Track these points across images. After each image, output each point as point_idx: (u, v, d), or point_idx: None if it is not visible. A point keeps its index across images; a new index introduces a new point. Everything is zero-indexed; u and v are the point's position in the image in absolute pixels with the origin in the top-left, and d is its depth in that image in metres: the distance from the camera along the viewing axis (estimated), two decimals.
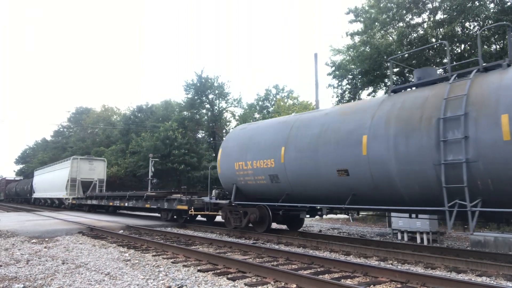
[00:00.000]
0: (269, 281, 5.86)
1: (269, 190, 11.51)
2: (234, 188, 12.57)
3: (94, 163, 30.15)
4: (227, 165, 12.84)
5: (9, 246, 9.58)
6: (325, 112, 10.66)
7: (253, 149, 11.95)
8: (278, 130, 11.52)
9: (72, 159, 29.30)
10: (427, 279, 5.58)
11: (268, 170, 11.23)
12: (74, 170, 28.55)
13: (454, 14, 17.76)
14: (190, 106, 39.31)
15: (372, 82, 21.18)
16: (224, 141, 13.96)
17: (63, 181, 29.08)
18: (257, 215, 11.63)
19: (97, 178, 29.71)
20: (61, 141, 65.70)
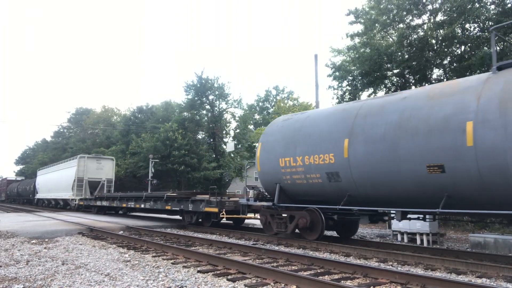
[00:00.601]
0: (269, 282, 5.86)
1: (324, 190, 9.97)
2: (277, 188, 11.05)
3: (102, 162, 28.59)
4: (269, 161, 11.40)
5: (9, 247, 9.57)
6: (402, 96, 8.89)
7: (304, 142, 10.40)
8: (338, 119, 9.89)
9: (79, 157, 27.79)
10: (427, 281, 5.58)
11: (326, 166, 9.63)
12: (81, 169, 27.09)
13: (454, 15, 17.77)
14: (190, 107, 39.33)
15: (372, 84, 21.19)
16: (264, 135, 12.33)
17: (69, 181, 27.71)
18: (308, 220, 10.12)
19: (105, 177, 28.17)
20: (61, 141, 65.75)
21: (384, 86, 22.07)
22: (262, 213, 11.83)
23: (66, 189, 28.02)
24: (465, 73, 18.48)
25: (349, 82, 22.57)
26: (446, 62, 19.55)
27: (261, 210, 11.93)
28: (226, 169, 38.28)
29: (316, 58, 21.14)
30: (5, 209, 32.43)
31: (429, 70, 20.05)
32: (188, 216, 15.12)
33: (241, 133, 42.37)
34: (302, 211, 10.43)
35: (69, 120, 67.48)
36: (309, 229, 10.29)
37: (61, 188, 29.49)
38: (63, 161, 33.01)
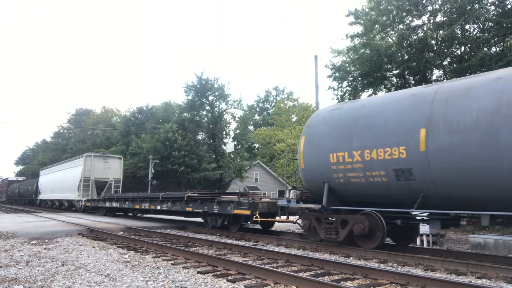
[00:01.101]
0: (269, 283, 5.86)
1: (389, 190, 8.65)
2: (326, 188, 9.71)
3: (109, 161, 27.03)
4: (316, 157, 10.07)
5: (8, 248, 9.57)
6: (494, 77, 7.57)
7: (363, 134, 9.07)
8: (407, 106, 8.53)
9: (85, 156, 26.25)
10: (427, 281, 5.58)
11: (394, 162, 8.31)
12: (87, 168, 25.61)
13: (454, 16, 17.79)
14: (190, 108, 39.33)
15: (372, 84, 21.20)
16: (308, 127, 10.90)
17: (74, 181, 26.30)
18: (366, 226, 8.73)
19: (113, 177, 26.67)
20: (61, 142, 65.79)
21: (384, 87, 22.09)
22: (305, 217, 10.36)
23: (72, 190, 26.69)
24: (465, 74, 18.51)
25: (349, 83, 22.58)
26: (446, 63, 19.56)
27: (303, 213, 10.57)
28: (226, 170, 38.28)
29: (316, 59, 21.14)
30: (5, 209, 32.38)
31: (429, 71, 20.07)
32: (212, 219, 13.88)
33: (241, 134, 42.39)
34: (358, 215, 9.02)
35: (69, 121, 67.62)
36: (367, 236, 8.88)
37: (66, 189, 28.16)
38: (68, 160, 31.63)
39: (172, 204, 15.35)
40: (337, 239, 9.41)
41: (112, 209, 21.09)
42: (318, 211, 10.01)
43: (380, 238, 8.67)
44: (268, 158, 56.04)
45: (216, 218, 13.66)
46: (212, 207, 13.33)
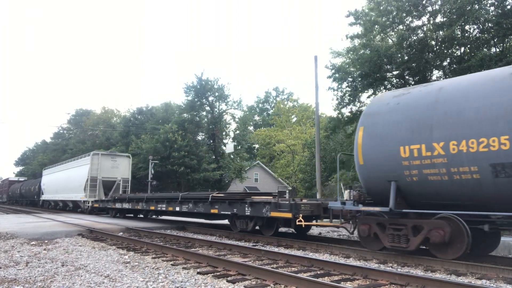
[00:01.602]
0: (268, 283, 5.86)
1: (481, 190, 7.24)
2: (393, 188, 8.25)
3: (117, 159, 25.71)
4: (380, 151, 8.61)
5: (8, 248, 9.57)
6: None
7: (447, 122, 7.61)
8: (508, 87, 7.12)
9: (92, 154, 24.89)
10: (427, 282, 5.59)
11: (492, 156, 6.92)
12: (94, 167, 24.28)
13: (454, 17, 17.81)
14: (190, 108, 39.37)
15: (372, 85, 21.22)
16: (368, 116, 9.31)
17: (80, 181, 24.96)
18: (446, 232, 7.43)
19: (121, 177, 25.28)
20: (61, 143, 65.82)
21: (384, 87, 22.10)
22: (364, 222, 8.94)
23: (77, 190, 25.29)
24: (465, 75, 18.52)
25: (349, 83, 22.59)
26: (446, 63, 19.58)
27: (361, 218, 9.13)
28: (226, 171, 38.30)
29: (316, 59, 21.17)
30: (4, 210, 32.35)
31: (429, 71, 20.08)
32: (243, 223, 12.41)
33: (240, 135, 42.44)
34: (435, 220, 7.67)
35: (69, 121, 67.69)
36: (446, 245, 7.58)
37: (71, 189, 26.80)
38: (73, 159, 30.08)
39: (194, 205, 14.03)
40: (407, 248, 8.04)
41: (123, 210, 20.01)
42: (379, 215, 8.65)
43: (463, 247, 7.35)
44: (268, 159, 56.07)
45: (247, 221, 12.24)
46: (242, 209, 11.95)
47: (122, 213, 20.50)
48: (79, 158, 28.38)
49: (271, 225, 11.80)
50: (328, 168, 34.53)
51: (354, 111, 22.92)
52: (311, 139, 39.64)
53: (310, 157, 38.65)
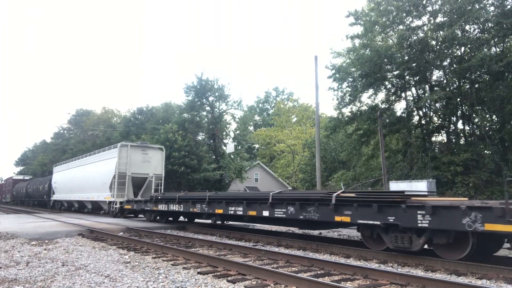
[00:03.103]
0: (269, 283, 5.86)
1: None
2: None
3: (148, 152, 21.78)
4: None
5: (9, 248, 9.57)
6: None
7: None
8: None
9: (120, 146, 20.95)
10: (427, 282, 5.58)
11: None
12: (123, 161, 20.48)
13: (454, 17, 17.82)
14: (190, 108, 39.37)
15: (372, 85, 21.23)
16: None
17: (105, 177, 21.26)
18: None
19: (153, 173, 21.52)
20: (61, 143, 65.85)
21: (384, 87, 22.12)
22: None
23: (100, 189, 21.68)
24: (465, 75, 18.54)
25: (349, 83, 22.61)
26: (446, 63, 19.59)
27: None
28: (226, 171, 38.30)
29: (316, 59, 21.18)
30: (5, 210, 32.23)
31: (429, 71, 20.10)
32: (402, 238, 8.03)
33: (241, 135, 42.42)
34: None
35: (69, 122, 67.74)
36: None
37: (91, 188, 23.08)
38: (94, 153, 25.86)
39: (301, 209, 9.72)
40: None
41: (168, 213, 16.45)
42: None
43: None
44: (268, 159, 56.10)
45: (412, 236, 7.88)
46: (409, 218, 7.62)
47: (165, 216, 16.80)
48: (101, 151, 24.16)
49: (465, 244, 7.34)
50: (328, 168, 34.56)
51: (354, 111, 22.94)
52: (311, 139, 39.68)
53: (310, 157, 38.70)
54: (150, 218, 17.47)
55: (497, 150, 18.32)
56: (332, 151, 34.52)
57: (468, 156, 17.41)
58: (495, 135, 18.86)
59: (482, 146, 18.57)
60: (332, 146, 34.63)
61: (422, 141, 20.79)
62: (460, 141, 20.36)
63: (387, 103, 22.37)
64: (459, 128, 20.55)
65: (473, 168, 17.77)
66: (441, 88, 19.23)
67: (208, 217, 14.19)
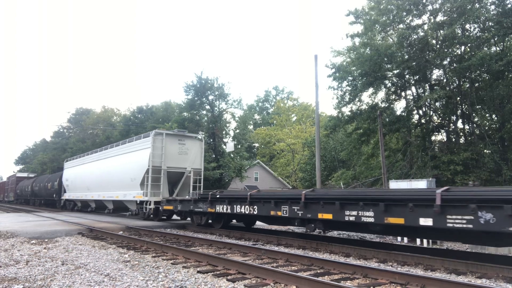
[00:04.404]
0: (268, 282, 5.86)
1: None
2: None
3: (186, 142, 18.44)
4: None
5: (8, 247, 9.57)
6: None
7: None
8: None
9: (154, 135, 17.47)
10: (427, 281, 5.58)
11: None
12: (157, 153, 17.21)
13: (454, 16, 17.79)
14: (190, 107, 39.35)
15: (372, 84, 21.20)
16: None
17: (135, 172, 17.96)
18: None
19: (191, 167, 18.24)
20: (61, 142, 65.86)
21: (384, 86, 22.09)
22: None
23: (129, 186, 18.39)
24: (465, 74, 18.52)
25: (349, 82, 22.58)
26: (446, 62, 19.56)
27: None
28: (226, 169, 38.28)
29: (316, 58, 21.15)
30: (4, 209, 32.15)
31: (429, 70, 20.07)
32: None
33: (240, 134, 42.42)
34: None
35: (69, 120, 67.73)
36: None
37: (115, 185, 19.77)
38: (117, 144, 21.96)
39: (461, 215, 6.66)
40: None
41: (225, 216, 13.59)
42: None
43: None
44: (268, 158, 56.08)
45: None
46: None
47: (220, 220, 13.86)
48: (128, 141, 20.57)
49: None
50: (328, 167, 34.55)
51: (354, 110, 22.92)
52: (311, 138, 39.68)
53: (310, 156, 38.70)
54: (200, 222, 14.57)
55: (497, 149, 18.29)
56: (332, 150, 34.51)
57: (468, 155, 17.39)
58: (495, 134, 18.83)
59: (482, 145, 18.54)
60: (332, 145, 34.61)
61: (422, 140, 20.77)
62: (460, 140, 20.33)
63: (387, 102, 22.34)
64: (459, 127, 20.53)
65: (473, 167, 17.76)
66: (441, 87, 19.20)
67: (301, 223, 10.42)
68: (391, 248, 9.69)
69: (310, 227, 9.90)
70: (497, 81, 17.49)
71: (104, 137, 53.82)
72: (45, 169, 57.35)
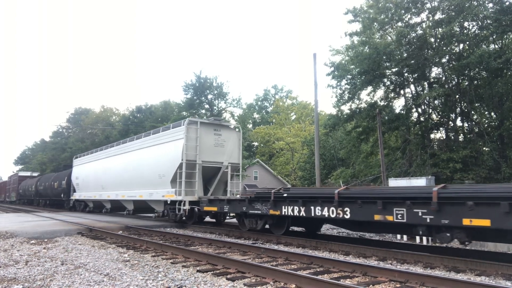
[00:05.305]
0: (268, 281, 5.86)
1: None
2: None
3: (223, 133, 15.94)
4: None
5: (8, 247, 9.56)
6: None
7: None
8: None
9: (188, 123, 14.90)
10: (426, 279, 5.59)
11: None
12: (191, 145, 14.77)
13: (453, 13, 17.80)
14: (189, 107, 39.34)
15: (371, 82, 21.20)
16: None
17: (165, 168, 15.42)
18: None
19: (228, 162, 15.74)
20: (60, 141, 65.86)
21: (383, 84, 22.09)
22: None
23: (156, 183, 15.90)
24: (464, 72, 18.53)
25: (348, 81, 22.58)
26: (445, 60, 19.57)
27: None
28: None
29: (315, 57, 21.13)
30: (4, 209, 32.01)
31: (428, 68, 20.08)
32: None
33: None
34: None
35: (68, 120, 67.71)
36: None
37: (138, 182, 17.23)
38: (139, 136, 18.90)
39: None
40: None
41: (289, 219, 10.94)
42: None
43: None
44: (267, 157, 56.06)
45: None
46: None
47: (283, 224, 11.16)
48: (155, 132, 17.57)
49: None
50: (328, 165, 34.56)
51: (353, 109, 22.92)
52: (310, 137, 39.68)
53: (309, 155, 38.69)
54: (255, 226, 11.71)
55: (496, 147, 18.32)
56: (331, 148, 34.52)
57: (467, 153, 17.42)
58: (494, 132, 18.85)
59: (481, 143, 18.57)
60: (331, 144, 34.62)
61: (421, 138, 20.78)
62: (459, 138, 20.36)
63: (386, 100, 22.36)
64: (458, 125, 20.55)
65: (472, 165, 17.78)
66: (439, 85, 19.20)
67: (427, 232, 7.81)
68: (390, 246, 9.70)
69: (444, 237, 7.45)
70: (496, 79, 17.51)
71: (103, 137, 53.83)
72: (44, 169, 57.32)
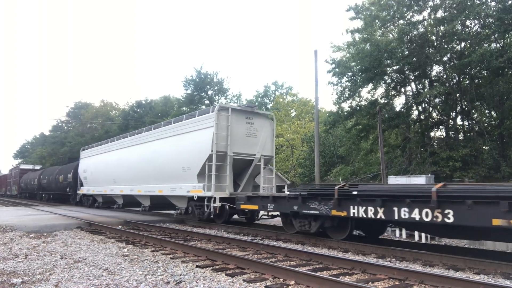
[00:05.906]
0: (267, 277, 5.87)
1: None
2: None
3: (255, 121, 14.28)
4: None
5: (7, 241, 9.57)
6: None
7: None
8: None
9: (219, 109, 13.30)
10: (425, 277, 5.60)
11: None
12: (222, 134, 13.16)
13: (454, 12, 17.74)
14: (189, 102, 39.35)
15: (372, 80, 21.16)
16: None
17: (191, 159, 13.73)
18: None
19: (261, 154, 14.07)
20: (59, 135, 65.80)
21: (383, 82, 22.06)
22: None
23: (180, 177, 14.23)
24: (465, 70, 18.49)
25: (349, 78, 22.54)
26: (446, 58, 19.53)
27: None
28: None
29: (315, 54, 21.05)
30: (3, 203, 31.93)
31: (429, 66, 20.04)
32: None
33: None
34: None
35: (67, 114, 67.64)
36: None
37: (158, 176, 15.62)
38: (158, 125, 17.04)
39: None
40: None
41: (356, 222, 9.36)
42: None
43: None
44: None
45: None
46: None
47: (345, 228, 9.41)
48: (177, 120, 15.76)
49: None
50: (327, 162, 34.58)
51: (353, 106, 22.90)
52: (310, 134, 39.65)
53: (309, 152, 38.69)
54: (308, 229, 9.84)
55: (496, 146, 18.32)
56: (331, 145, 34.51)
57: (467, 152, 17.41)
58: (494, 131, 18.84)
59: (481, 142, 18.56)
60: (331, 141, 34.61)
61: (421, 136, 20.78)
62: (459, 136, 20.35)
63: (387, 98, 22.33)
64: (458, 123, 20.54)
65: (471, 163, 17.78)
66: (440, 84, 19.17)
67: None
68: (389, 243, 9.71)
69: None
70: (497, 78, 17.48)
71: (103, 131, 53.79)
72: (44, 162, 57.33)
